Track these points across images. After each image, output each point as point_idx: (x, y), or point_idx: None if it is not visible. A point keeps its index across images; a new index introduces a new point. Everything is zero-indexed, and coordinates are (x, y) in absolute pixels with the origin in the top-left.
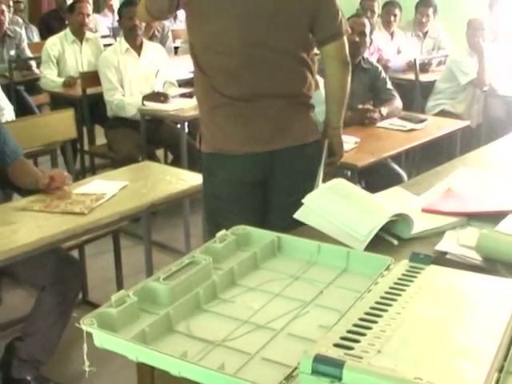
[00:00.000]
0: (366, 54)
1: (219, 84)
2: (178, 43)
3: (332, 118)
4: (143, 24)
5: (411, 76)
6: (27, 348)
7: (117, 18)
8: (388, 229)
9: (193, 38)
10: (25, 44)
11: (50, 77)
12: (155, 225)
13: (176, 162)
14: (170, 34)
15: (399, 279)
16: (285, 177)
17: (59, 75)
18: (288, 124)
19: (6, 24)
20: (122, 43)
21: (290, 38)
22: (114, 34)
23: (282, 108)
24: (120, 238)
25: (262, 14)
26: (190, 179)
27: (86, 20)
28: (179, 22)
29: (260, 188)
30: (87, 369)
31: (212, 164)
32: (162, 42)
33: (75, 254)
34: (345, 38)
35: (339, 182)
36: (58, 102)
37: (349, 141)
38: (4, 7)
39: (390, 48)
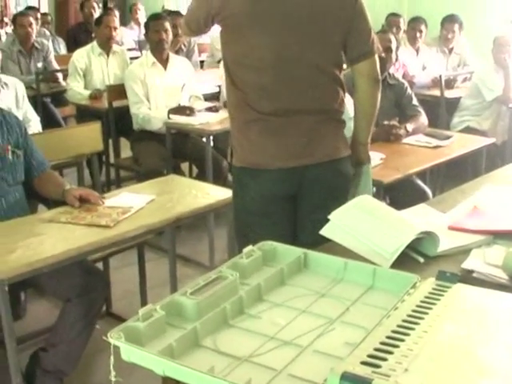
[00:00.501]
0: (391, 70)
1: (252, 99)
2: (203, 57)
3: (361, 135)
4: (169, 38)
5: (436, 92)
6: (51, 359)
7: (143, 31)
8: (414, 246)
9: (227, 53)
10: (52, 56)
11: (77, 89)
12: (179, 238)
13: (201, 176)
14: (196, 47)
15: (426, 297)
16: (315, 192)
17: (85, 87)
18: (320, 139)
19: (34, 36)
20: (148, 57)
21: (323, 54)
22: (140, 47)
23: (314, 123)
24: (144, 251)
25: (296, 30)
26: (216, 193)
27: (113, 33)
28: (205, 35)
29: (290, 202)
30: (113, 378)
31: (243, 178)
32: (188, 55)
33: (100, 266)
34: (376, 57)
35: (366, 199)
36: (84, 114)
37: (374, 157)
38: (32, 20)
39: (416, 64)
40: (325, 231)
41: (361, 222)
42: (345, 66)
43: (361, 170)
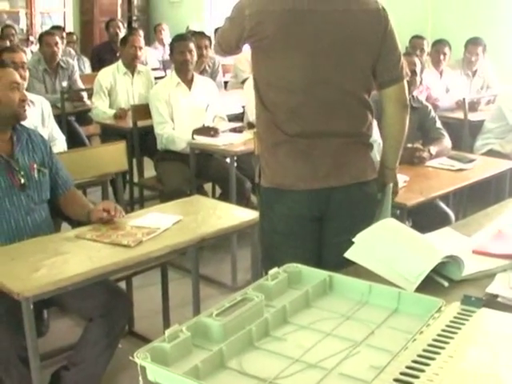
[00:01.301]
0: (415, 93)
1: (281, 121)
2: (227, 77)
3: (389, 159)
4: (194, 58)
5: (460, 115)
6: (73, 377)
7: (167, 51)
8: (438, 270)
9: (258, 74)
10: (77, 75)
11: (101, 108)
12: (202, 258)
13: (224, 196)
14: (220, 68)
15: (451, 322)
16: (341, 214)
17: (110, 106)
18: (347, 162)
19: (60, 55)
20: (173, 77)
21: (352, 78)
22: (164, 66)
23: (341, 146)
24: (167, 270)
25: (327, 53)
26: (240, 215)
27: (139, 53)
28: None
29: (317, 223)
30: None
31: (271, 198)
32: (213, 76)
33: (123, 284)
34: (405, 81)
35: (390, 222)
36: (108, 133)
37: (398, 179)
38: (58, 39)
39: (439, 86)
40: (349, 254)
41: (385, 245)
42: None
43: (385, 192)
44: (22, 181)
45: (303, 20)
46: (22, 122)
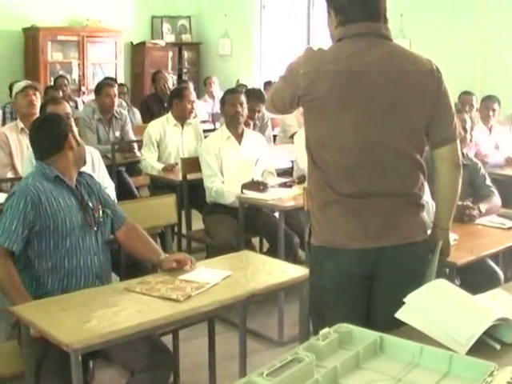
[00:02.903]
0: (465, 150)
1: (333, 180)
2: (276, 131)
3: (442, 219)
4: (245, 112)
5: (510, 172)
6: None
7: (217, 104)
8: (490, 332)
9: (310, 134)
10: (129, 126)
11: (150, 161)
12: (249, 312)
13: (272, 251)
14: (269, 122)
15: None
16: (391, 274)
17: (160, 158)
18: (398, 222)
19: (116, 107)
20: (223, 131)
21: (406, 139)
22: (214, 119)
23: (393, 206)
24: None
25: (381, 115)
26: (290, 271)
27: (191, 107)
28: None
29: (366, 282)
30: None
31: (321, 256)
32: (262, 130)
33: (169, 337)
34: (458, 142)
35: (441, 283)
36: (157, 184)
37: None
38: (115, 90)
39: (488, 143)
40: (400, 314)
41: (437, 306)
42: None
43: (435, 250)
44: (94, 221)
45: (357, 81)
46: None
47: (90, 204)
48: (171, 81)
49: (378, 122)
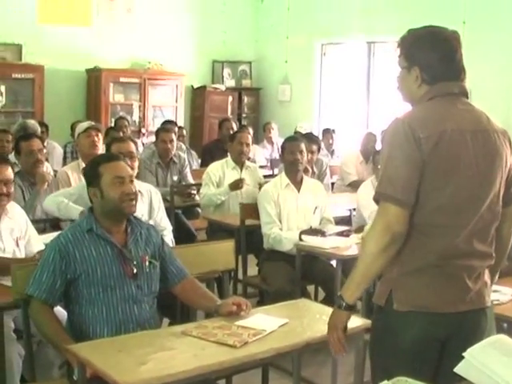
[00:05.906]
0: None
1: (437, 244)
2: (334, 179)
3: (493, 276)
4: (304, 159)
5: None
6: None
7: (275, 149)
8: None
9: (425, 197)
10: (187, 170)
11: (210, 192)
12: (302, 359)
13: (328, 299)
14: (328, 170)
15: None
16: (466, 337)
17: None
18: (481, 285)
19: (173, 151)
20: (282, 178)
21: (498, 198)
22: (272, 165)
23: (480, 268)
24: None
25: (485, 174)
26: None
27: (245, 149)
28: (336, 157)
29: (439, 345)
30: None
31: (401, 320)
32: (320, 178)
33: (222, 382)
34: None
35: (501, 339)
36: (214, 228)
37: (506, 292)
38: (173, 136)
39: None
40: (460, 369)
41: (497, 361)
42: None
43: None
44: (135, 270)
45: (465, 139)
46: None
47: (133, 254)
48: (236, 128)
49: (484, 182)
